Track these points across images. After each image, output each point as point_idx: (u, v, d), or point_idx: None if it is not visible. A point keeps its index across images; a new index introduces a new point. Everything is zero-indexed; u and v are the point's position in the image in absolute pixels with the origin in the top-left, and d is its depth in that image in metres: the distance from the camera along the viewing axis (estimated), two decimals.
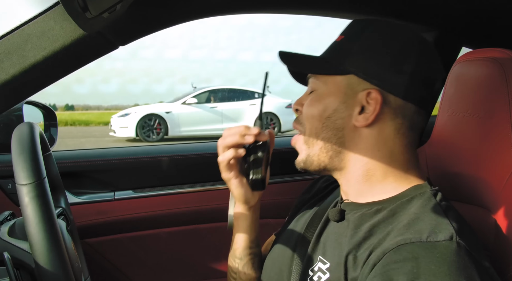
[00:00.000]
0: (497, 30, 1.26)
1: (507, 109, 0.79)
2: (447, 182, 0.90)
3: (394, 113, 0.71)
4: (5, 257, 0.62)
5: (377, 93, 0.70)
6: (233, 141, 0.79)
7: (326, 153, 0.75)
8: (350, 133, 0.73)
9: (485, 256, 0.63)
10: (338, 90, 0.73)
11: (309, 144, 0.76)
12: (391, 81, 0.70)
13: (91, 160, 1.29)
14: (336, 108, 0.73)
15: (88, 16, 0.68)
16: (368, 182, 0.74)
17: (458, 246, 0.59)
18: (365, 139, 0.73)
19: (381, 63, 0.71)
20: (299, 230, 0.84)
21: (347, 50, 0.73)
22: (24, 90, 0.81)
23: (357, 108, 0.72)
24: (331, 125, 0.73)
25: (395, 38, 0.72)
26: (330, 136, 0.74)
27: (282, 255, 0.83)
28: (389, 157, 0.73)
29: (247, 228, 0.87)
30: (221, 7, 1.00)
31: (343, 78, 0.73)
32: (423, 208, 0.66)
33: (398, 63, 0.70)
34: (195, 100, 9.51)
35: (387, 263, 0.60)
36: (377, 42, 0.72)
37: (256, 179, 0.79)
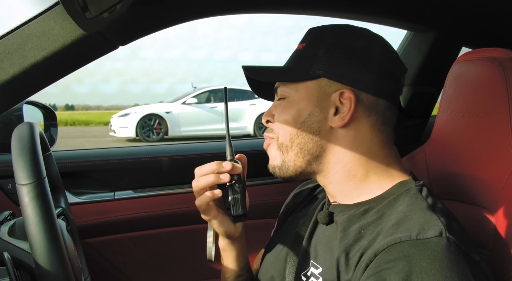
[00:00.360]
0: (497, 30, 1.26)
1: (507, 109, 0.79)
2: (447, 181, 0.90)
3: (368, 111, 0.72)
4: (5, 257, 0.62)
5: (350, 92, 0.71)
6: (207, 182, 0.76)
7: (303, 158, 0.74)
8: (327, 135, 0.73)
9: (475, 249, 0.63)
10: (310, 95, 0.73)
11: (283, 150, 0.75)
12: (361, 80, 0.71)
13: (91, 160, 1.29)
14: (311, 112, 0.73)
15: (88, 16, 0.67)
16: (351, 182, 0.74)
17: (448, 242, 0.59)
18: (343, 139, 0.73)
19: (348, 63, 0.72)
20: (289, 236, 0.84)
21: (312, 56, 0.74)
22: (24, 90, 0.81)
23: (331, 109, 0.72)
24: (307, 129, 0.73)
25: (357, 39, 0.74)
26: (307, 141, 0.73)
27: (274, 263, 0.83)
28: (368, 154, 0.73)
29: (235, 258, 0.87)
30: (221, 7, 1.00)
31: (313, 83, 0.73)
32: (411, 205, 0.67)
33: (364, 62, 0.72)
34: (195, 100, 9.51)
35: (379, 263, 0.60)
36: (341, 44, 0.73)
37: (238, 215, 0.78)
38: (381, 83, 0.72)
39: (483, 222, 0.80)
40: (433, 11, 1.19)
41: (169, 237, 1.33)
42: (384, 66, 0.73)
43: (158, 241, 1.32)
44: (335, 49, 0.73)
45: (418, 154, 0.98)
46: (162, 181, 1.33)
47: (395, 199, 0.69)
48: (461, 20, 1.24)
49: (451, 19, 1.23)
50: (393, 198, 0.70)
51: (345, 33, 0.75)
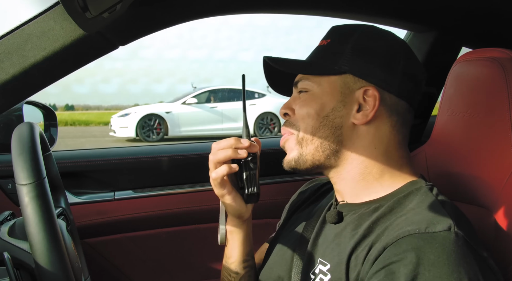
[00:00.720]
0: (497, 30, 1.26)
1: (507, 109, 0.79)
2: (447, 181, 0.90)
3: (390, 111, 0.73)
4: (5, 257, 0.62)
5: (375, 90, 0.72)
6: (225, 155, 0.76)
7: (323, 152, 0.74)
8: (348, 131, 0.74)
9: (484, 246, 0.63)
10: (334, 90, 0.74)
11: (302, 143, 0.75)
12: (386, 79, 0.72)
13: (91, 160, 1.29)
14: (334, 107, 0.73)
15: (88, 16, 0.67)
16: (365, 181, 0.74)
17: (456, 236, 0.59)
18: (363, 137, 0.73)
19: (373, 62, 0.73)
20: (295, 234, 0.84)
21: (338, 52, 0.74)
22: (24, 90, 0.81)
23: (355, 106, 0.73)
24: (329, 124, 0.73)
25: (382, 39, 0.75)
26: (328, 135, 0.74)
27: (280, 261, 0.83)
28: (385, 154, 0.74)
29: (242, 241, 0.86)
30: (221, 7, 1.00)
31: (338, 78, 0.74)
32: (421, 202, 0.67)
33: (389, 63, 0.73)
34: (195, 100, 9.52)
35: (388, 257, 0.60)
36: (367, 43, 0.74)
37: (253, 193, 0.78)
38: (404, 85, 0.73)
39: (483, 222, 0.80)
40: (433, 11, 1.19)
41: (169, 237, 1.33)
42: (407, 69, 0.74)
43: (158, 241, 1.32)
44: (361, 47, 0.74)
45: (418, 154, 0.98)
46: (162, 181, 1.33)
47: (405, 196, 0.70)
48: (461, 20, 1.24)
49: (451, 19, 1.23)
50: (403, 195, 0.70)
51: (370, 33, 0.76)
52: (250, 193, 0.78)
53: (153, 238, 1.32)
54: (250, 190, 0.78)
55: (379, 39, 0.75)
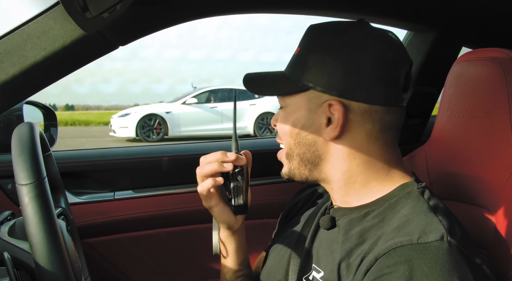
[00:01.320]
0: (497, 30, 1.26)
1: (507, 109, 0.79)
2: (447, 181, 0.90)
3: (362, 120, 0.70)
4: (5, 257, 0.62)
5: (338, 104, 0.69)
6: (211, 169, 0.78)
7: (305, 166, 0.75)
8: (323, 146, 0.72)
9: (477, 252, 0.63)
10: (302, 107, 0.73)
11: (289, 158, 0.77)
12: (350, 88, 0.68)
13: (91, 160, 1.29)
14: (303, 125, 0.73)
15: (88, 16, 0.67)
16: (351, 189, 0.73)
17: (449, 245, 0.59)
18: (339, 150, 0.72)
19: (336, 72, 0.69)
20: (291, 239, 0.84)
21: (303, 64, 0.72)
22: (24, 90, 0.81)
23: (323, 121, 0.71)
24: (303, 141, 0.73)
25: (344, 43, 0.70)
26: (305, 152, 0.74)
27: (277, 267, 0.83)
28: (367, 162, 0.72)
29: (235, 251, 0.87)
30: (221, 7, 1.00)
31: (303, 95, 0.72)
32: (412, 208, 0.66)
33: (352, 69, 0.68)
34: (195, 100, 9.52)
35: (380, 268, 0.60)
36: (329, 51, 0.70)
37: (239, 205, 0.80)
38: (373, 89, 0.68)
39: (483, 222, 0.80)
40: (433, 11, 1.19)
41: (169, 237, 1.33)
42: (374, 71, 0.68)
43: (158, 241, 1.32)
44: (322, 56, 0.70)
45: (418, 154, 0.98)
46: (162, 181, 1.33)
47: (396, 202, 0.69)
48: (461, 20, 1.24)
49: (451, 19, 1.23)
50: (394, 200, 0.69)
51: (332, 38, 0.71)
52: (237, 205, 0.80)
53: (153, 238, 1.32)
54: (236, 201, 0.79)
55: (341, 43, 0.70)
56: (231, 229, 0.84)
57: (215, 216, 0.83)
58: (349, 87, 0.68)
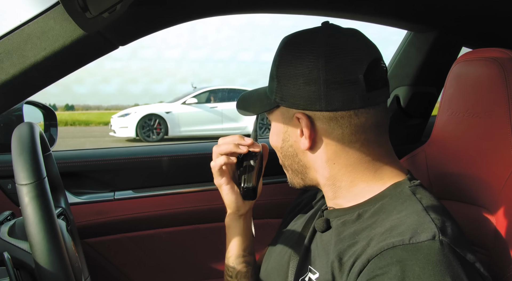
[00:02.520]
0: (497, 30, 1.26)
1: (507, 109, 0.79)
2: (447, 182, 0.90)
3: (330, 127, 0.70)
4: (5, 257, 0.62)
5: (303, 116, 0.70)
6: (227, 149, 0.83)
7: (296, 176, 0.79)
8: (304, 157, 0.75)
9: (470, 249, 0.62)
10: (278, 122, 0.76)
11: (284, 170, 0.81)
12: (310, 100, 0.69)
13: (91, 160, 1.29)
14: (283, 138, 0.76)
15: (88, 16, 0.67)
16: (339, 192, 0.75)
17: (441, 245, 0.59)
18: (318, 158, 0.73)
19: (295, 86, 0.70)
20: (291, 240, 0.84)
21: (272, 80, 0.75)
22: (24, 90, 0.81)
23: (298, 133, 0.73)
24: (287, 154, 0.77)
25: (297, 55, 0.70)
26: (291, 163, 0.78)
27: (277, 268, 0.83)
28: (348, 165, 0.72)
29: (238, 236, 0.90)
30: (221, 7, 1.00)
31: (277, 111, 0.75)
32: (404, 208, 0.66)
33: (308, 81, 0.68)
34: (195, 100, 9.52)
35: (372, 269, 0.60)
36: (286, 65, 0.71)
37: (247, 187, 0.83)
38: (331, 97, 0.67)
39: (483, 222, 0.80)
40: (433, 11, 1.19)
41: (169, 237, 1.33)
42: (328, 77, 0.67)
43: (158, 241, 1.32)
44: (284, 69, 0.71)
45: (418, 154, 0.98)
46: (162, 181, 1.33)
47: (389, 201, 0.69)
48: (461, 20, 1.24)
49: (451, 19, 1.23)
50: (386, 200, 0.69)
51: (287, 48, 0.72)
52: (245, 187, 0.83)
53: (153, 238, 1.32)
54: (245, 183, 0.83)
55: (296, 54, 0.70)
56: (237, 212, 0.87)
57: (223, 195, 0.86)
58: (309, 99, 0.69)
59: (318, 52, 0.68)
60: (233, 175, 0.87)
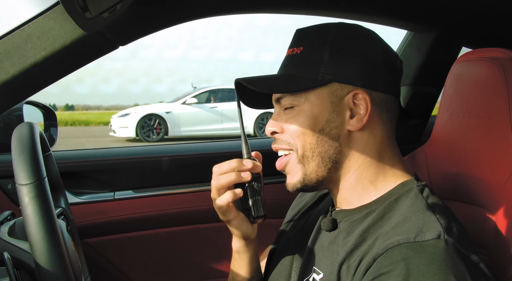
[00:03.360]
0: (497, 30, 1.26)
1: (507, 109, 0.79)
2: (447, 182, 0.90)
3: (380, 109, 0.72)
4: (5, 257, 0.62)
5: (364, 93, 0.70)
6: (229, 181, 0.72)
7: (324, 167, 0.72)
8: (345, 140, 0.72)
9: (474, 250, 0.63)
10: (323, 101, 0.71)
11: (304, 162, 0.73)
12: (371, 78, 0.71)
13: (91, 160, 1.29)
14: (328, 119, 0.71)
15: (88, 16, 0.67)
16: (360, 186, 0.73)
17: (446, 244, 0.59)
18: (359, 141, 0.72)
19: (355, 63, 0.70)
20: (294, 241, 0.84)
21: (317, 60, 0.71)
22: (24, 90, 0.81)
23: (347, 113, 0.71)
24: (326, 137, 0.71)
25: (356, 37, 0.73)
26: (327, 149, 0.71)
27: (280, 269, 0.83)
28: (379, 154, 0.73)
29: (249, 260, 0.83)
30: (221, 7, 1.00)
31: (324, 88, 0.71)
32: (411, 207, 0.66)
33: (369, 60, 0.71)
34: (195, 100, 9.52)
35: (378, 268, 0.60)
36: (343, 44, 0.71)
37: (260, 216, 0.75)
38: (389, 79, 0.72)
39: (483, 222, 0.80)
40: (433, 11, 1.19)
41: (169, 237, 1.33)
42: (387, 61, 0.72)
43: (158, 241, 1.32)
44: (338, 50, 0.71)
45: (418, 154, 0.98)
46: (162, 181, 1.33)
47: (396, 200, 0.69)
48: (461, 20, 1.24)
49: (451, 19, 1.23)
50: (394, 198, 0.69)
51: (343, 32, 0.73)
52: (257, 216, 0.75)
53: (153, 238, 1.32)
54: (256, 212, 0.75)
55: (353, 37, 0.72)
56: (248, 239, 0.80)
57: (232, 229, 0.78)
58: (369, 78, 0.71)
59: (375, 37, 0.74)
60: (235, 202, 0.76)
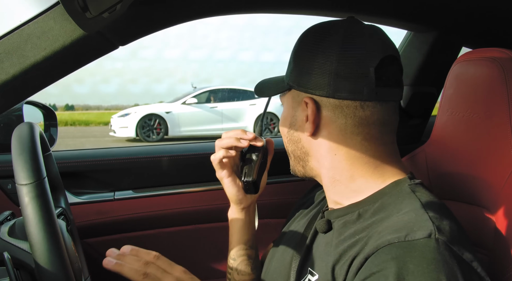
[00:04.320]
0: (497, 30, 1.26)
1: (507, 109, 0.79)
2: (447, 182, 0.90)
3: (334, 115, 0.71)
4: (5, 257, 0.62)
5: (310, 100, 0.72)
6: (228, 143, 0.83)
7: (298, 163, 0.79)
8: (307, 143, 0.76)
9: (469, 249, 0.62)
10: (288, 105, 0.78)
11: (288, 156, 0.82)
12: (318, 85, 0.71)
13: (91, 160, 1.29)
14: (291, 122, 0.78)
15: (88, 16, 0.67)
16: (338, 187, 0.74)
17: (437, 243, 0.58)
18: (320, 146, 0.74)
19: (307, 71, 0.72)
20: (294, 241, 0.84)
21: (289, 67, 0.77)
22: (24, 90, 0.81)
23: (304, 118, 0.74)
24: (292, 138, 0.78)
25: (314, 42, 0.73)
26: (294, 149, 0.78)
27: (279, 269, 0.83)
28: (349, 158, 0.72)
29: (240, 229, 0.90)
30: (221, 7, 1.00)
31: (289, 94, 0.78)
32: (403, 206, 0.66)
33: (320, 65, 0.70)
34: (195, 100, 9.52)
35: (369, 267, 0.60)
36: (302, 50, 0.75)
37: (247, 181, 0.83)
38: (340, 84, 0.69)
39: (483, 222, 0.80)
40: (433, 11, 1.19)
41: (169, 237, 1.33)
42: (340, 66, 0.69)
43: (158, 241, 1.32)
44: (298, 57, 0.75)
45: (418, 154, 0.98)
46: (162, 181, 1.33)
47: (388, 200, 0.69)
48: (461, 20, 1.24)
49: (451, 19, 1.23)
50: (386, 198, 0.69)
51: (306, 37, 0.76)
52: (245, 181, 0.83)
53: (153, 238, 1.32)
54: (245, 178, 0.83)
55: (312, 42, 0.73)
56: (239, 205, 0.88)
57: (225, 188, 0.87)
58: (318, 85, 0.71)
59: (335, 41, 0.71)
60: (237, 169, 0.87)
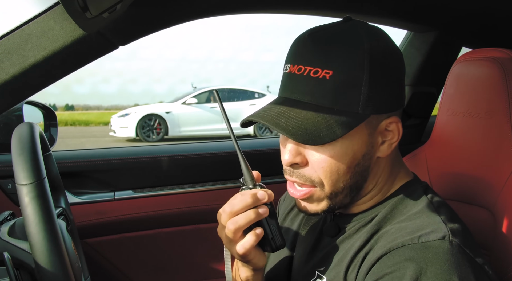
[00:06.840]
0: (497, 30, 1.26)
1: (507, 109, 0.79)
2: (447, 181, 0.90)
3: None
4: (5, 257, 0.62)
5: (396, 119, 0.68)
6: (249, 221, 0.65)
7: (350, 195, 0.68)
8: (373, 166, 0.69)
9: (479, 252, 0.62)
10: (362, 135, 0.65)
11: (331, 197, 0.68)
12: (398, 101, 0.69)
13: (91, 160, 1.29)
14: (365, 153, 0.66)
15: (88, 16, 0.67)
16: (369, 194, 0.71)
17: (450, 245, 0.59)
18: (382, 162, 0.70)
19: (388, 86, 0.66)
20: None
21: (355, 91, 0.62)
22: (24, 90, 0.81)
23: (380, 140, 0.68)
24: (360, 169, 0.67)
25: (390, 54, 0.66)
26: (358, 179, 0.67)
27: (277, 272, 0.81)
28: (389, 163, 0.71)
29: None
30: (221, 7, 1.00)
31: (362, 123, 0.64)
32: (415, 207, 0.66)
33: (399, 79, 0.69)
34: (195, 100, 9.52)
35: (382, 268, 0.60)
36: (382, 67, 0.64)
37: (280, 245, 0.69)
38: (403, 95, 0.70)
39: (483, 222, 0.80)
40: (433, 11, 1.19)
41: (169, 237, 1.33)
42: (403, 76, 0.70)
43: (158, 241, 1.32)
44: (376, 74, 0.63)
45: (418, 154, 0.98)
46: (162, 181, 1.33)
47: (400, 201, 0.69)
48: (461, 20, 1.24)
49: (451, 19, 1.23)
50: (398, 199, 0.69)
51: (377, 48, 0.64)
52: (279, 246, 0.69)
53: (153, 238, 1.32)
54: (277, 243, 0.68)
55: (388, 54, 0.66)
56: (259, 269, 0.74)
57: (251, 264, 0.70)
58: (397, 100, 0.68)
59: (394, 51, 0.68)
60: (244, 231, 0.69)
